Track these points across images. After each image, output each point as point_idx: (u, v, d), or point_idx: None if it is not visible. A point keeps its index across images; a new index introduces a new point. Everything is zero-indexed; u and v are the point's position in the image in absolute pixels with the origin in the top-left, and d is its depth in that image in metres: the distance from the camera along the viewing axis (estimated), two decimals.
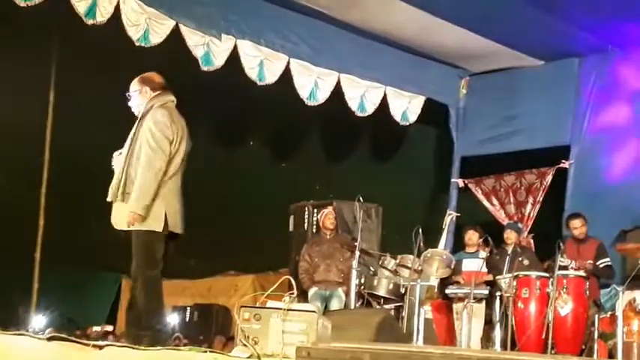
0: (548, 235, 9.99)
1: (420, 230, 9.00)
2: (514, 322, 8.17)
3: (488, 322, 8.69)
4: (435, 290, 9.57)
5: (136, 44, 8.87)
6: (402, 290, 9.28)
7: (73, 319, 13.76)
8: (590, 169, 10.87)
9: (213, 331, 12.73)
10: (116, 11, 8.60)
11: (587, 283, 8.27)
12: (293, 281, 5.64)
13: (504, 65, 11.63)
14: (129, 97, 6.00)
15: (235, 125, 12.22)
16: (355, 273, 9.39)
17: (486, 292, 8.58)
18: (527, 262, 8.97)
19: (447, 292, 8.86)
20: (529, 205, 11.24)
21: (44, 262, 10.51)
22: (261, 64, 10.01)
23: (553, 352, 7.79)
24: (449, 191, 11.97)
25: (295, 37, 10.31)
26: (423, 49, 11.30)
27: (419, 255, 9.09)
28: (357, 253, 9.43)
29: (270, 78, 10.09)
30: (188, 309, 13.65)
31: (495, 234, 9.39)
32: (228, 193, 12.63)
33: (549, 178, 11.18)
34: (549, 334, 7.86)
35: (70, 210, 11.69)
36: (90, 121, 11.16)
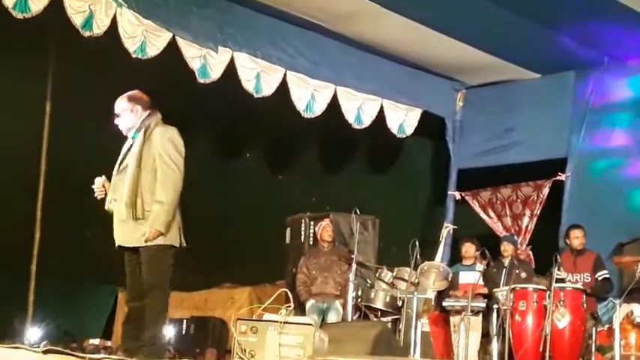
0: (545, 248, 9.98)
1: (417, 243, 8.99)
2: (511, 334, 8.14)
3: (485, 335, 8.67)
4: (432, 303, 9.57)
5: (133, 56, 8.86)
6: (399, 303, 9.26)
7: (69, 331, 13.71)
8: (587, 181, 10.87)
9: (209, 344, 12.68)
10: (113, 23, 8.60)
11: (585, 295, 8.26)
12: (290, 294, 5.64)
13: (501, 78, 11.65)
14: (117, 115, 5.90)
15: (232, 137, 12.22)
16: (352, 285, 9.38)
17: (483, 305, 8.56)
18: (524, 274, 8.96)
19: (444, 304, 8.84)
20: (526, 218, 11.23)
21: (40, 275, 10.49)
22: (258, 76, 10.02)
23: None
24: (445, 204, 11.96)
25: (292, 50, 10.32)
26: (419, 61, 11.32)
27: (416, 267, 9.08)
28: (354, 265, 9.42)
29: (267, 90, 10.10)
30: (184, 322, 13.59)
31: (492, 246, 9.38)
32: (224, 205, 12.62)
33: (546, 190, 11.18)
34: (547, 347, 7.84)
35: (66, 222, 11.66)
36: (86, 133, 11.15)
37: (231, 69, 9.76)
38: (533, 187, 11.33)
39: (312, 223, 10.57)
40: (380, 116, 11.21)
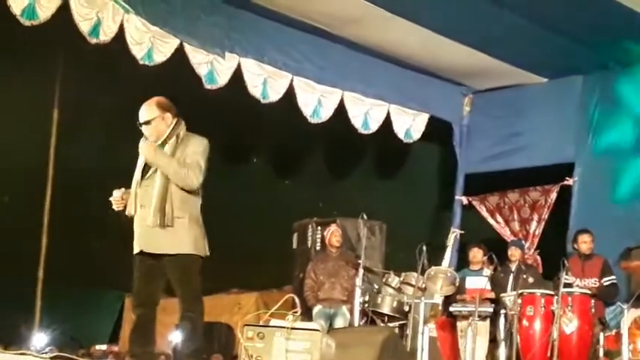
0: (552, 253, 9.95)
1: (424, 248, 8.97)
2: (519, 340, 8.13)
3: (492, 340, 8.65)
4: (440, 308, 9.55)
5: (140, 63, 8.88)
6: (406, 308, 9.24)
7: (76, 337, 13.71)
8: (595, 186, 10.84)
9: (216, 350, 12.67)
10: (120, 30, 8.62)
11: (593, 300, 8.24)
12: (297, 299, 5.63)
13: (508, 83, 11.64)
14: (146, 122, 5.77)
15: (239, 143, 12.22)
16: (359, 290, 9.37)
17: (491, 310, 8.55)
18: (531, 279, 8.94)
19: (452, 309, 8.83)
20: (534, 223, 11.21)
21: (47, 281, 10.50)
22: (265, 82, 10.03)
23: None
24: (453, 208, 11.95)
25: (299, 55, 10.33)
26: (426, 66, 11.32)
27: (423, 273, 9.06)
28: (361, 270, 9.42)
29: (274, 96, 10.11)
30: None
31: (500, 251, 9.37)
32: (231, 210, 12.62)
33: (554, 195, 11.16)
34: (554, 352, 7.83)
35: (73, 228, 11.67)
36: (94, 140, 11.17)
37: (238, 75, 9.78)
38: (540, 192, 11.31)
39: (319, 228, 10.57)
40: (387, 121, 11.21)
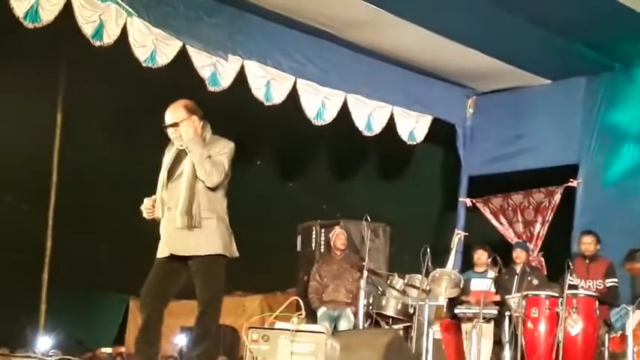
0: (557, 254, 9.94)
1: (428, 250, 8.97)
2: (524, 342, 8.12)
3: (497, 342, 8.64)
4: (444, 310, 9.54)
5: (143, 65, 8.88)
6: (411, 310, 9.24)
7: (81, 340, 13.72)
8: (599, 187, 10.83)
9: (220, 352, 12.67)
10: (123, 32, 8.62)
11: (597, 302, 8.22)
12: (301, 302, 5.62)
13: (511, 84, 11.63)
14: (173, 125, 5.70)
15: (242, 145, 12.14)
16: (363, 293, 9.37)
17: (495, 312, 8.54)
18: (536, 281, 8.93)
19: (456, 312, 8.82)
20: (538, 224, 11.19)
21: (52, 284, 10.51)
22: (268, 84, 10.02)
23: None
24: (457, 210, 11.94)
25: (302, 58, 10.33)
26: (429, 68, 11.31)
27: (427, 275, 9.06)
28: (365, 272, 9.41)
29: (277, 98, 10.11)
30: (193, 329, 13.50)
31: (504, 253, 9.36)
32: (235, 213, 12.60)
33: (558, 197, 11.14)
34: (559, 354, 7.81)
35: (78, 231, 11.69)
36: (97, 143, 11.18)
37: (242, 77, 9.78)
38: (544, 194, 11.30)
39: (323, 230, 10.57)
40: (390, 123, 11.21)
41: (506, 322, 8.47)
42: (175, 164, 5.73)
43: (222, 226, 5.70)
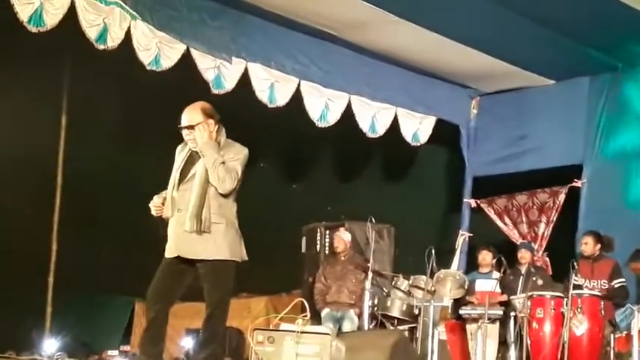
0: (561, 255, 9.94)
1: (433, 251, 8.98)
2: (529, 342, 8.12)
3: (502, 342, 8.63)
4: (449, 311, 9.54)
5: (147, 68, 8.90)
6: (416, 311, 9.26)
7: (87, 343, 13.74)
8: (603, 188, 10.81)
9: (226, 354, 12.68)
10: (127, 36, 8.64)
11: (602, 302, 8.22)
12: (306, 303, 5.63)
13: (515, 85, 11.63)
14: (189, 127, 5.66)
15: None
16: (368, 294, 9.37)
17: (500, 313, 8.53)
18: (541, 281, 8.92)
19: (461, 312, 8.81)
20: (542, 225, 11.19)
21: (57, 287, 10.52)
22: (272, 86, 10.04)
23: None
24: (461, 211, 11.94)
25: (305, 60, 10.34)
26: (433, 69, 11.31)
27: (432, 276, 9.06)
28: (370, 274, 9.42)
29: (281, 100, 10.12)
30: (201, 332, 13.51)
31: (508, 254, 9.35)
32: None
33: (562, 197, 11.13)
34: (565, 354, 7.81)
35: (83, 234, 11.70)
36: (102, 145, 11.20)
37: (246, 79, 9.79)
38: (549, 194, 11.29)
39: (328, 232, 10.59)
40: (394, 124, 11.21)
41: (512, 323, 8.47)
42: (188, 165, 5.71)
43: (231, 231, 5.70)
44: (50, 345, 10.89)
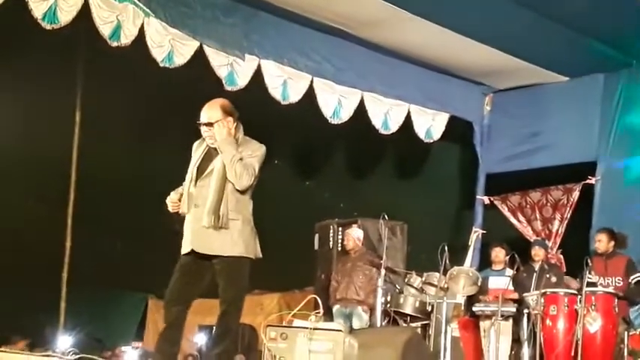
0: (575, 252, 9.91)
1: (446, 248, 8.96)
2: (542, 339, 8.10)
3: (515, 340, 8.62)
4: (462, 308, 9.53)
5: (161, 65, 8.92)
6: (429, 308, 9.25)
7: (100, 339, 13.79)
8: (617, 185, 10.78)
9: (238, 351, 12.70)
10: (140, 33, 8.66)
11: (616, 299, 8.19)
12: (319, 300, 5.63)
13: (529, 82, 11.59)
14: (208, 124, 5.67)
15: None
16: (381, 291, 9.37)
17: (514, 310, 8.52)
18: (554, 279, 8.90)
19: (474, 309, 8.80)
20: (556, 222, 11.15)
21: (71, 282, 10.57)
22: (285, 83, 10.04)
23: None
24: (474, 208, 11.92)
25: (318, 57, 10.33)
26: (446, 66, 11.29)
27: (445, 273, 9.06)
28: (383, 270, 9.42)
29: (294, 97, 10.12)
30: (214, 328, 13.54)
31: (522, 251, 9.33)
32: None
33: (576, 194, 11.10)
34: (578, 351, 7.79)
35: (97, 231, 11.75)
36: (116, 142, 11.23)
37: (259, 76, 9.80)
38: (563, 191, 11.26)
39: (340, 229, 10.59)
40: (407, 121, 11.20)
41: (525, 320, 8.45)
42: (205, 161, 5.72)
43: (247, 228, 5.71)
44: (64, 341, 10.94)
